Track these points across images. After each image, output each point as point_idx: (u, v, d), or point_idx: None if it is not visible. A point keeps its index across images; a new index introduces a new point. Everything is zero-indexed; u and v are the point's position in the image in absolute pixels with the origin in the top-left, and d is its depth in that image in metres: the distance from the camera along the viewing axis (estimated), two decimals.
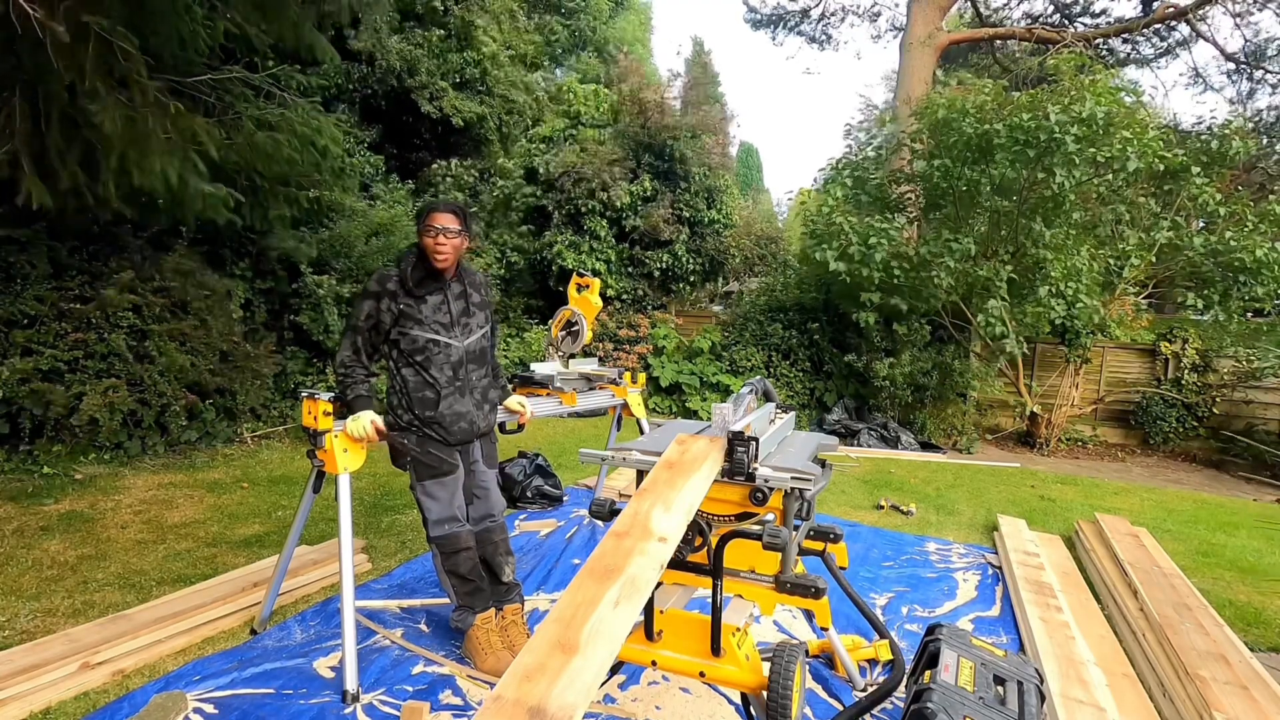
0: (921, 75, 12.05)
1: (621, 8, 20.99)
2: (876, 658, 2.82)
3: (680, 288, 11.02)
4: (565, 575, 3.63)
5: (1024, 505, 5.64)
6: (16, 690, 2.27)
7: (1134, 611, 3.27)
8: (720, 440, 1.88)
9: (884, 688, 2.23)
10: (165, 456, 5.55)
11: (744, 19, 16.90)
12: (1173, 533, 5.06)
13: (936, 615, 3.42)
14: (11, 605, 2.98)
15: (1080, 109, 6.88)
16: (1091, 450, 9.04)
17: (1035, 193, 7.51)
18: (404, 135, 10.85)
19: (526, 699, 1.03)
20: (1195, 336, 9.01)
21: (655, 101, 10.70)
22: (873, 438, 8.36)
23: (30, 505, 4.27)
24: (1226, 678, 2.55)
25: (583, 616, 1.21)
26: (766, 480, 1.85)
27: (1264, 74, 13.02)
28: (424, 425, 2.59)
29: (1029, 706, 1.83)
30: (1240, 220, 7.63)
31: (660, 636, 1.93)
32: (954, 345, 8.82)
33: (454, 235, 2.53)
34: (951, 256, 7.51)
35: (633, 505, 1.60)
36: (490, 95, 10.22)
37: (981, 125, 7.33)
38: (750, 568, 2.08)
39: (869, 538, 4.53)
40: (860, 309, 8.27)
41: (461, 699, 2.46)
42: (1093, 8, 14.01)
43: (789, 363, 9.70)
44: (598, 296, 4.04)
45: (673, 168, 10.57)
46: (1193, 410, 8.96)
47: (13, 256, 4.97)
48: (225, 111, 4.87)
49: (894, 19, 15.93)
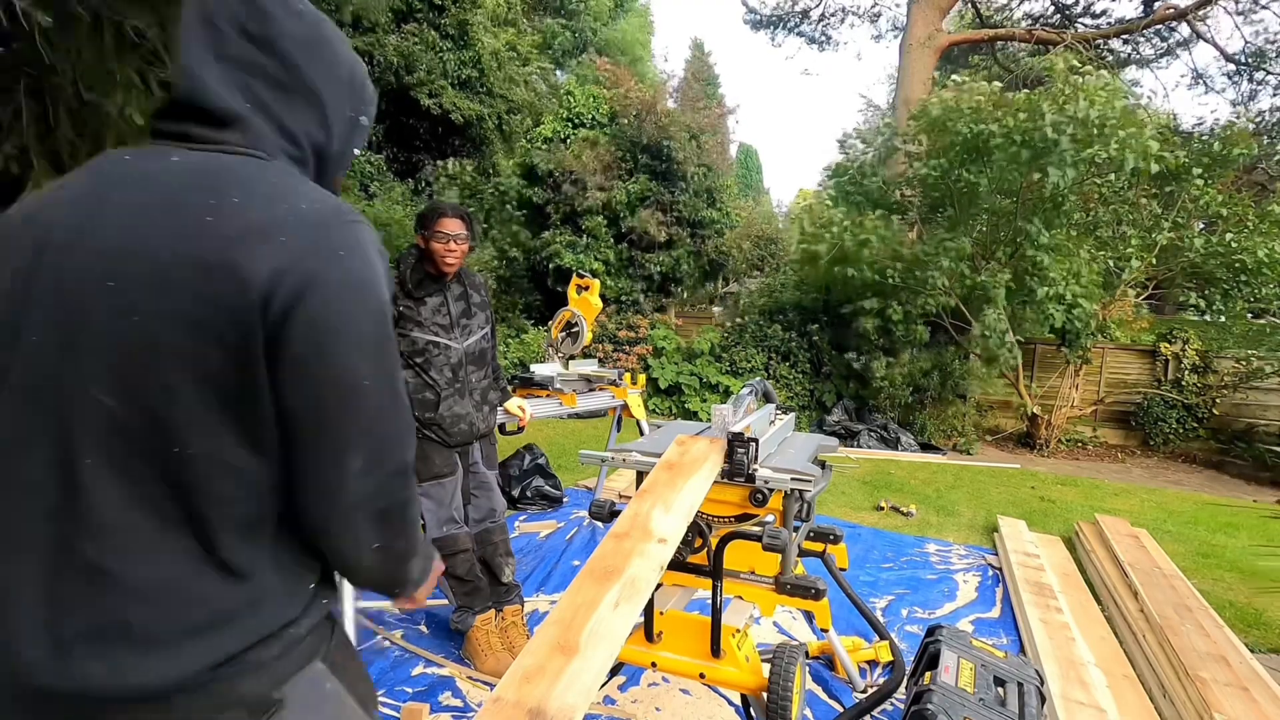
0: (922, 76, 12.06)
1: (622, 9, 21.01)
2: (877, 659, 2.82)
3: (679, 289, 11.02)
4: (565, 577, 3.63)
5: (1024, 506, 5.63)
6: None
7: (1134, 613, 3.27)
8: (720, 441, 1.88)
9: (884, 689, 2.23)
10: None
11: (743, 20, 16.91)
12: (1173, 534, 5.06)
13: (936, 616, 3.42)
14: None
15: (1073, 109, 6.88)
16: (1091, 451, 9.04)
17: (1032, 194, 7.52)
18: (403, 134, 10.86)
19: (526, 700, 1.03)
20: (1195, 337, 9.01)
21: (651, 103, 10.70)
22: (872, 439, 8.36)
23: None
24: (1227, 679, 2.55)
25: (583, 618, 1.21)
26: (766, 481, 1.85)
27: (1265, 75, 13.03)
28: (423, 427, 2.59)
29: (1029, 708, 1.83)
30: (1241, 221, 7.64)
31: (660, 638, 1.93)
32: (954, 346, 8.82)
33: (463, 241, 2.52)
34: (947, 256, 7.51)
35: (632, 506, 1.59)
36: (490, 94, 10.23)
37: (977, 126, 7.33)
38: (750, 569, 2.08)
39: (869, 539, 4.53)
40: (859, 314, 8.28)
41: (461, 700, 2.46)
42: (1093, 9, 14.02)
43: (789, 364, 9.69)
44: (598, 298, 4.04)
45: (670, 168, 10.57)
46: (1193, 411, 8.96)
47: None
48: None
49: (894, 19, 15.95)
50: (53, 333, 0.74)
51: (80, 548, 0.73)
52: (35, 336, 0.74)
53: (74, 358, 0.73)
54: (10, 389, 0.74)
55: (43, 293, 0.75)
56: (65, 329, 0.74)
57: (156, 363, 0.72)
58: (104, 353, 0.73)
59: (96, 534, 0.73)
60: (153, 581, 0.74)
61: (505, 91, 10.26)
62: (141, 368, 0.72)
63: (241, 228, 0.74)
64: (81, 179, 0.81)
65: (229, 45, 0.81)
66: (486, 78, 9.98)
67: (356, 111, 0.95)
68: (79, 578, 0.73)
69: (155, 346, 0.72)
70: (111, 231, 0.75)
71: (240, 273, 0.72)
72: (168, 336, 0.72)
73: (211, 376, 0.73)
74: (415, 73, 9.24)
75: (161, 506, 0.75)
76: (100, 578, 0.73)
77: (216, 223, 0.73)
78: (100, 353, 0.73)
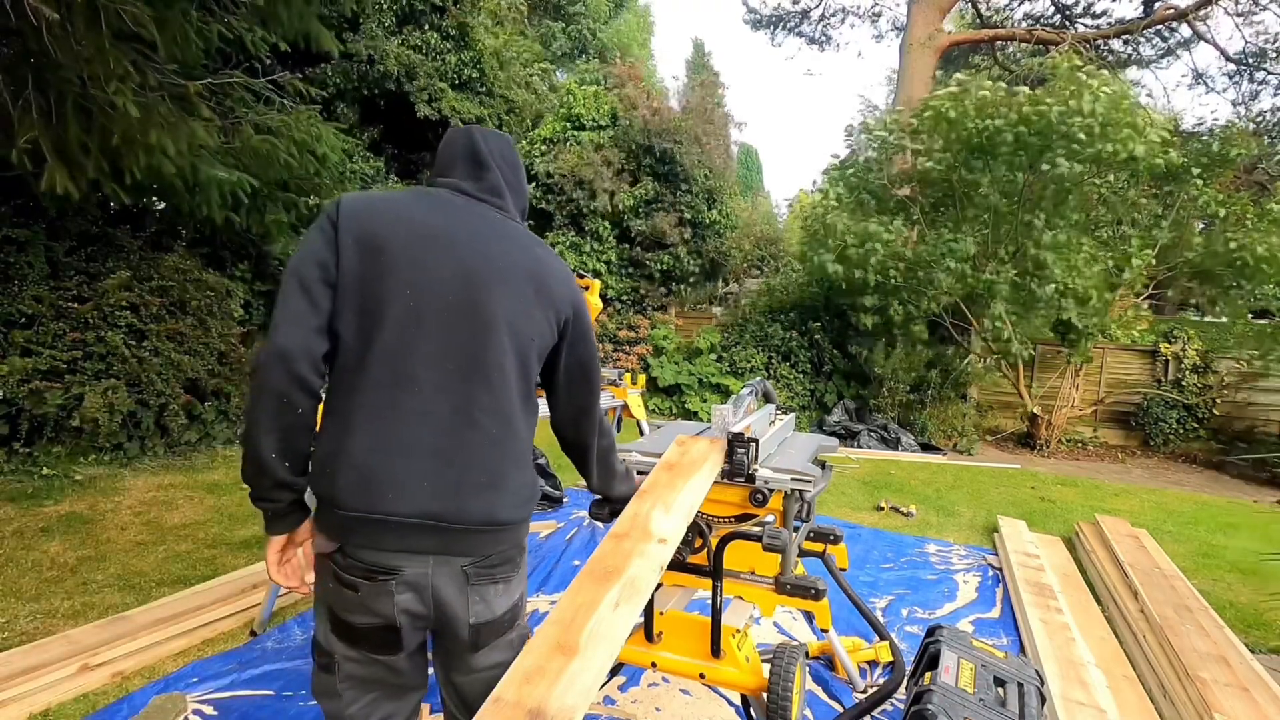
0: (922, 77, 12.06)
1: (621, 9, 21.00)
2: (877, 659, 2.82)
3: (680, 289, 11.03)
4: (565, 577, 3.63)
5: (1024, 507, 5.63)
6: (16, 692, 2.27)
7: (1134, 613, 3.27)
8: (720, 442, 1.88)
9: (884, 689, 2.23)
10: (165, 458, 5.55)
11: (743, 20, 16.90)
12: (1173, 534, 5.06)
13: (937, 617, 3.42)
14: (11, 607, 2.98)
15: (1077, 104, 6.88)
16: (1092, 451, 9.04)
17: (1034, 191, 7.51)
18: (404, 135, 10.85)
19: (526, 701, 1.03)
20: (1196, 338, 9.00)
21: (654, 105, 10.71)
22: (873, 439, 8.36)
23: (30, 507, 4.26)
24: (1227, 679, 2.55)
25: (583, 618, 1.21)
26: (766, 482, 1.85)
27: (1265, 75, 13.02)
28: None
29: (1029, 708, 1.83)
30: (1240, 220, 7.64)
31: (660, 638, 1.93)
32: (954, 346, 8.82)
33: None
34: (953, 257, 7.51)
35: (632, 507, 1.60)
36: (490, 95, 10.22)
37: (983, 121, 7.33)
38: (750, 569, 2.08)
39: (869, 539, 4.53)
40: (860, 312, 8.27)
41: None
42: (1093, 9, 14.01)
43: (789, 364, 9.70)
44: (598, 297, 4.05)
45: (673, 170, 10.59)
46: (1193, 412, 8.96)
47: (11, 257, 4.97)
48: (225, 115, 4.87)
49: (895, 19, 15.94)
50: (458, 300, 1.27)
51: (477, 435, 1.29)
52: (449, 296, 1.26)
53: (470, 320, 1.27)
54: (425, 332, 1.24)
55: (450, 274, 1.27)
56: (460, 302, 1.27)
57: (524, 330, 1.32)
58: (510, 310, 1.30)
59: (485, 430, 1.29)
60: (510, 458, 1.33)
61: (505, 92, 10.25)
62: (515, 333, 1.30)
63: (556, 267, 1.40)
64: (431, 200, 1.34)
65: (497, 163, 1.42)
66: (487, 78, 9.97)
67: (527, 196, 1.55)
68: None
69: (526, 319, 1.32)
70: (494, 245, 1.33)
71: (557, 298, 1.37)
72: (534, 318, 1.34)
73: (540, 342, 1.36)
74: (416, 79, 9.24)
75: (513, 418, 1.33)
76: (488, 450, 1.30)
77: (543, 258, 1.39)
78: (509, 309, 1.29)
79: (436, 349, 1.23)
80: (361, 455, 1.20)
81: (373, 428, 1.21)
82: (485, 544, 1.27)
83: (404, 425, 1.21)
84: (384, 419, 1.21)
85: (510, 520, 1.30)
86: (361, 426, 1.21)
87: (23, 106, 3.66)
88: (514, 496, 1.30)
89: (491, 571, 1.29)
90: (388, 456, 1.20)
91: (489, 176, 1.38)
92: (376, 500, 1.19)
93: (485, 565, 1.28)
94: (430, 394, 1.22)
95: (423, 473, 1.21)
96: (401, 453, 1.21)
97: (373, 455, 1.20)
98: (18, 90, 3.65)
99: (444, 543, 1.24)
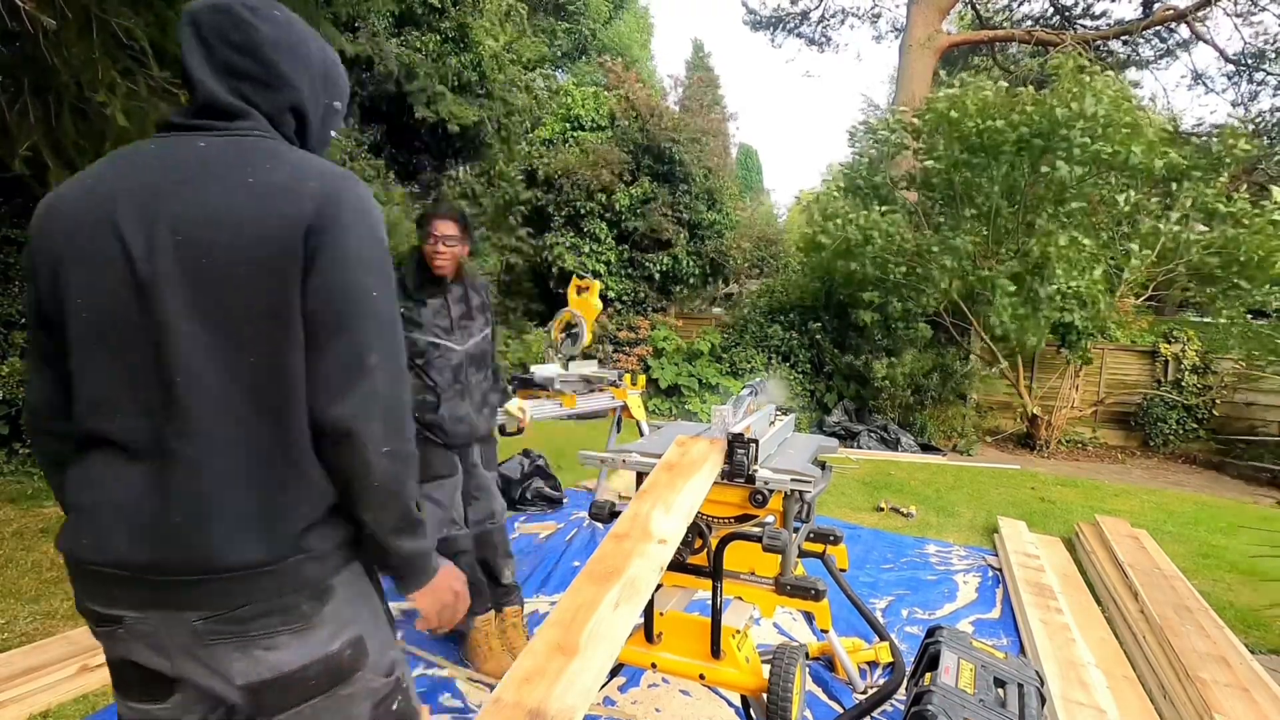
0: (922, 77, 12.08)
1: (621, 9, 21.02)
2: (877, 660, 2.81)
3: (680, 290, 11.03)
4: (565, 577, 3.63)
5: (1024, 507, 5.63)
6: (16, 692, 2.27)
7: (1134, 613, 3.27)
8: (720, 442, 1.88)
9: (884, 690, 2.23)
10: None
11: (743, 21, 16.92)
12: (1173, 535, 5.06)
13: (936, 617, 3.42)
14: (11, 608, 2.98)
15: (1080, 106, 6.89)
16: (1091, 452, 9.04)
17: (1035, 191, 7.51)
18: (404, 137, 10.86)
19: (526, 701, 1.03)
20: (1195, 338, 9.00)
21: (653, 105, 10.71)
22: (873, 439, 8.36)
23: (30, 507, 4.26)
24: (1227, 680, 2.55)
25: (582, 619, 1.21)
26: (766, 482, 1.85)
27: (1265, 76, 13.04)
28: (424, 428, 2.59)
29: (1029, 709, 1.83)
30: (1239, 221, 7.64)
31: (660, 639, 1.93)
32: (954, 346, 8.82)
33: (454, 243, 2.52)
34: (951, 255, 7.51)
35: (632, 507, 1.60)
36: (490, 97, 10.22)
37: (985, 121, 7.33)
38: (750, 570, 2.08)
39: (869, 540, 4.53)
40: (861, 308, 8.27)
41: (461, 702, 2.46)
42: (1093, 10, 14.04)
43: (789, 365, 9.70)
44: (598, 299, 4.04)
45: (672, 170, 10.59)
46: (1193, 412, 8.96)
47: (11, 257, 4.98)
48: None
49: (894, 20, 15.97)
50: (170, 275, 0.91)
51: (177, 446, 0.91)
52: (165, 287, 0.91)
53: (172, 293, 0.90)
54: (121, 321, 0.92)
55: (156, 252, 0.91)
56: (178, 273, 0.90)
57: (231, 291, 0.91)
58: (195, 286, 0.90)
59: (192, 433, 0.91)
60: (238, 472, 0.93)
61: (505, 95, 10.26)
62: (220, 297, 0.90)
63: (279, 184, 0.93)
64: (119, 166, 0.97)
65: (218, 53, 0.97)
66: (487, 79, 9.98)
67: (330, 98, 1.10)
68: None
69: (228, 279, 0.90)
70: (174, 201, 0.91)
71: (286, 217, 0.91)
72: (240, 271, 0.90)
73: (270, 296, 0.91)
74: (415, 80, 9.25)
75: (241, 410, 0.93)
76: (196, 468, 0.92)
77: (255, 184, 0.92)
78: (194, 286, 0.90)
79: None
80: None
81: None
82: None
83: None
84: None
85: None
86: None
87: (20, 110, 3.66)
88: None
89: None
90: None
91: (199, 79, 0.99)
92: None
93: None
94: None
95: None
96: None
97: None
98: (15, 94, 3.66)
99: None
